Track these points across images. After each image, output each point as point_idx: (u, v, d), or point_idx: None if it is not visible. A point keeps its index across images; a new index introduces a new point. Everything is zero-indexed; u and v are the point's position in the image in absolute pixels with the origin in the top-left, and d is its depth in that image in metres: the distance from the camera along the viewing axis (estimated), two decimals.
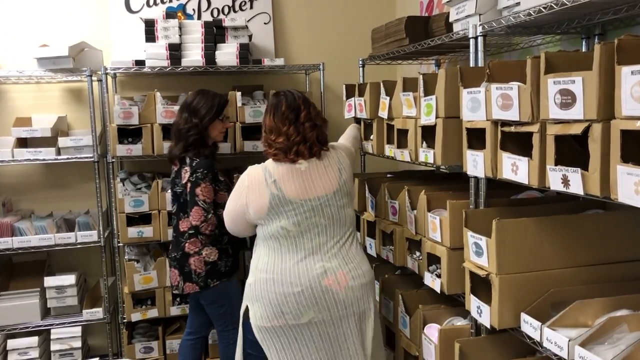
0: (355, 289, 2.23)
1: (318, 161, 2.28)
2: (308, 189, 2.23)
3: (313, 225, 2.23)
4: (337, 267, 2.22)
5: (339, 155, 2.36)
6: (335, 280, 2.20)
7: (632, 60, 1.28)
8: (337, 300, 2.20)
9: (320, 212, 2.23)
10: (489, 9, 2.14)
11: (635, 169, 1.26)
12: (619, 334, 1.53)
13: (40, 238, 3.35)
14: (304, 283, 2.17)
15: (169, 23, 3.42)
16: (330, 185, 2.26)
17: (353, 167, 2.46)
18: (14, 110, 3.61)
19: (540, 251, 1.82)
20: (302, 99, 2.33)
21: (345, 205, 2.29)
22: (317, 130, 2.30)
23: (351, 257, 2.26)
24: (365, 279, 2.27)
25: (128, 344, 3.50)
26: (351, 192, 2.35)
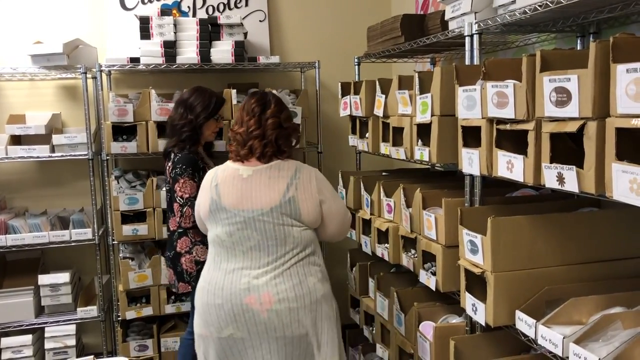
0: (280, 312, 2.06)
1: (264, 170, 2.14)
2: (244, 199, 2.12)
3: (245, 239, 2.11)
4: (263, 286, 2.07)
5: (302, 174, 2.16)
6: (258, 299, 2.05)
7: (627, 58, 1.28)
8: (257, 321, 2.06)
9: (252, 225, 2.10)
10: (484, 7, 2.14)
11: (631, 167, 1.26)
12: (613, 332, 1.53)
13: (34, 236, 3.34)
14: (225, 296, 2.08)
15: (163, 20, 3.41)
16: (269, 200, 2.11)
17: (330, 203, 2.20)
18: (8, 108, 3.59)
19: (535, 249, 1.83)
20: (276, 99, 2.27)
21: (287, 225, 2.11)
22: (280, 132, 2.19)
23: (286, 279, 2.09)
24: (297, 303, 2.08)
25: (123, 342, 3.49)
26: (304, 217, 2.13)
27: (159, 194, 3.35)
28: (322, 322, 2.16)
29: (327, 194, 2.20)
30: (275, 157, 2.18)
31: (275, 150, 2.18)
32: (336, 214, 2.23)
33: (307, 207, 2.14)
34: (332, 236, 2.29)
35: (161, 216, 3.37)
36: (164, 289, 3.46)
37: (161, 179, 3.47)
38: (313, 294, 2.13)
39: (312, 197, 2.15)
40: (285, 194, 2.11)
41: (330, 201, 2.20)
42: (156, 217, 3.37)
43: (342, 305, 3.54)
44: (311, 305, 2.12)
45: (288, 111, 2.29)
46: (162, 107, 3.30)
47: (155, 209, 3.37)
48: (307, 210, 2.14)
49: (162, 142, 3.31)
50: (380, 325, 2.81)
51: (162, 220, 3.37)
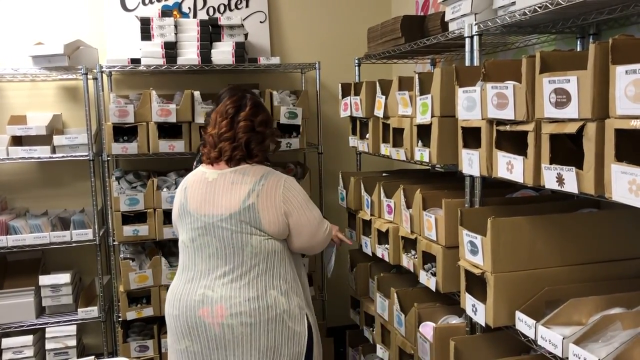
0: (234, 327, 1.97)
1: (229, 173, 2.07)
2: (206, 203, 2.05)
3: (205, 245, 2.04)
4: (219, 298, 1.99)
5: (267, 181, 2.06)
6: (211, 312, 1.97)
7: (626, 59, 1.29)
8: (209, 335, 1.99)
9: (212, 232, 2.03)
10: (484, 9, 2.15)
11: (630, 168, 1.26)
12: (613, 332, 1.54)
13: (35, 236, 3.34)
14: (181, 307, 2.03)
15: (164, 21, 3.41)
16: (229, 206, 2.03)
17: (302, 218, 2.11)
18: (9, 108, 3.60)
19: (535, 250, 1.83)
20: (253, 102, 2.17)
21: (245, 232, 2.02)
22: (252, 136, 2.10)
23: (242, 291, 1.99)
24: (252, 319, 1.98)
25: (123, 343, 3.49)
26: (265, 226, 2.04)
27: (159, 195, 3.36)
28: (282, 343, 2.03)
29: (294, 204, 2.09)
30: (243, 161, 2.10)
31: (245, 154, 2.10)
32: (305, 225, 2.12)
33: (268, 216, 2.04)
34: (301, 249, 2.20)
35: (162, 217, 3.37)
36: (164, 289, 3.46)
37: (162, 179, 3.48)
38: (272, 308, 2.02)
39: (274, 206, 2.05)
40: (245, 201, 2.02)
41: (298, 212, 2.09)
42: (157, 217, 3.37)
43: (342, 306, 3.56)
44: (269, 321, 2.01)
45: (266, 115, 2.20)
46: (163, 108, 3.30)
47: (156, 209, 3.37)
48: (268, 219, 2.04)
49: (163, 143, 3.32)
50: (380, 325, 2.82)
51: (162, 221, 3.37)
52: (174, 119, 3.31)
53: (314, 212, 2.18)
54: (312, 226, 2.15)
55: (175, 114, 3.30)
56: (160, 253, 3.51)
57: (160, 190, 3.37)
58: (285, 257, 2.12)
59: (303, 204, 2.13)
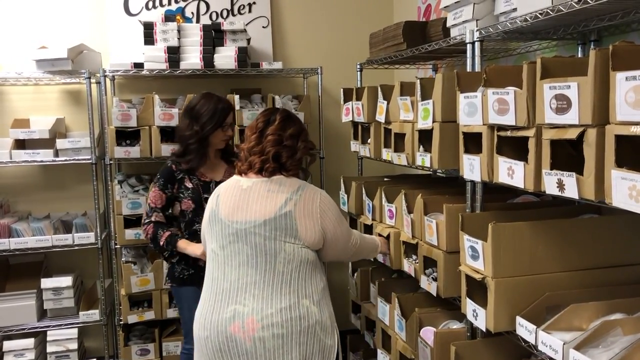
0: (265, 340, 1.89)
1: (265, 182, 2.06)
2: (239, 210, 2.02)
3: (236, 253, 1.99)
4: (250, 311, 1.90)
5: (304, 192, 2.05)
6: (242, 326, 1.89)
7: (626, 66, 1.29)
8: (241, 351, 1.90)
9: (244, 238, 1.98)
10: (486, 15, 2.16)
11: (630, 174, 1.27)
12: (613, 338, 1.54)
13: (37, 239, 3.35)
14: (212, 328, 1.94)
15: (167, 26, 3.43)
16: (264, 212, 1.99)
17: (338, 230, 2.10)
18: (12, 112, 3.62)
19: (536, 255, 1.83)
20: (284, 116, 2.16)
21: (279, 239, 1.97)
22: (282, 150, 2.09)
23: (274, 301, 1.92)
24: (284, 329, 1.90)
25: (124, 346, 3.49)
26: (302, 234, 1.99)
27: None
28: (313, 356, 1.96)
29: (330, 216, 2.08)
30: (278, 172, 2.09)
31: (277, 167, 2.09)
32: (340, 238, 2.13)
33: (305, 225, 2.01)
34: (332, 259, 2.22)
35: None
36: (165, 293, 3.47)
37: None
38: (305, 319, 1.94)
39: (312, 215, 2.03)
40: (282, 208, 2.00)
41: (334, 225, 2.09)
42: None
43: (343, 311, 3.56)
44: (302, 332, 1.93)
45: (297, 128, 2.17)
46: (166, 112, 3.32)
47: None
48: (305, 227, 2.01)
49: (165, 147, 3.33)
50: (381, 330, 2.82)
51: None
52: (177, 123, 3.32)
53: (346, 227, 2.20)
54: (344, 240, 2.17)
55: (178, 118, 3.31)
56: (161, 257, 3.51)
57: None
58: (317, 266, 2.08)
59: (338, 218, 2.13)
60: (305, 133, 2.22)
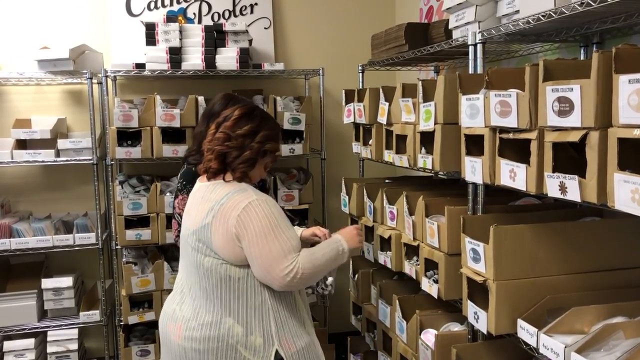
0: (187, 350, 1.88)
1: (204, 187, 1.96)
2: (187, 215, 2.00)
3: (182, 257, 2.01)
4: (181, 317, 1.93)
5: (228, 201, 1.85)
6: (174, 329, 1.93)
7: (629, 69, 1.29)
8: (173, 351, 1.94)
9: (184, 246, 1.98)
10: (488, 17, 2.16)
11: (632, 177, 1.27)
12: (615, 341, 1.54)
13: (38, 240, 3.35)
14: (162, 319, 2.04)
15: (169, 27, 3.43)
16: (194, 222, 1.92)
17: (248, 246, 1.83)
18: (14, 112, 3.62)
19: (537, 258, 1.83)
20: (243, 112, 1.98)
21: (200, 252, 1.88)
22: (228, 149, 1.92)
23: (201, 315, 1.89)
24: (201, 345, 1.85)
25: (125, 347, 3.49)
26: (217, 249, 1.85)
27: (162, 199, 3.36)
28: None
29: (251, 230, 1.81)
30: (219, 175, 1.95)
31: (222, 168, 1.94)
32: (256, 257, 1.82)
33: (219, 239, 1.84)
34: (261, 279, 1.87)
35: (164, 221, 3.38)
36: (166, 294, 3.46)
37: (165, 184, 3.49)
38: (225, 338, 1.85)
39: (226, 229, 1.83)
40: (205, 219, 1.88)
41: (250, 240, 1.81)
42: (160, 222, 3.38)
43: (344, 312, 3.56)
44: (220, 351, 1.85)
45: (255, 127, 1.96)
46: (167, 112, 3.32)
47: (159, 214, 3.38)
48: (218, 242, 1.84)
49: (166, 148, 3.33)
50: (382, 332, 2.81)
51: (165, 225, 3.38)
52: (178, 124, 3.33)
53: (272, 244, 1.82)
54: (265, 259, 1.82)
55: (179, 118, 3.32)
56: (162, 257, 3.51)
57: (163, 194, 3.38)
58: (249, 284, 1.87)
59: (260, 232, 1.81)
60: (265, 134, 1.97)
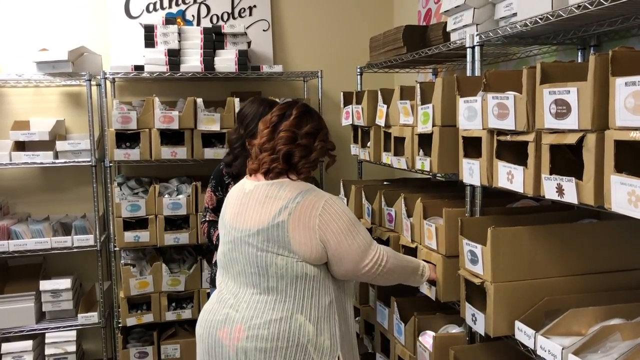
0: (248, 351, 1.76)
1: (265, 186, 1.88)
2: (239, 216, 1.89)
3: (234, 261, 1.88)
4: (240, 318, 1.80)
5: (304, 200, 1.82)
6: (229, 333, 1.79)
7: (626, 71, 1.30)
8: (225, 358, 1.81)
9: (239, 247, 1.86)
10: (486, 19, 2.16)
11: (629, 179, 1.27)
12: (612, 343, 1.54)
13: (36, 241, 3.35)
14: (206, 327, 1.89)
15: (168, 29, 3.44)
16: (258, 221, 1.82)
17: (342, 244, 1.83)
18: (13, 114, 3.62)
19: (535, 259, 1.83)
20: (301, 111, 1.95)
21: (271, 252, 1.80)
22: (294, 149, 1.89)
23: (267, 312, 1.79)
24: (268, 343, 1.75)
25: (123, 349, 3.49)
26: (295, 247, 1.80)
27: (161, 201, 3.37)
28: None
29: (334, 228, 1.82)
30: (284, 175, 1.90)
31: (286, 168, 1.89)
32: (347, 255, 1.84)
33: (299, 237, 1.79)
34: (348, 274, 1.89)
35: (163, 223, 3.38)
36: (164, 295, 3.47)
37: (163, 186, 3.49)
38: (296, 336, 1.77)
39: (308, 228, 1.80)
40: (276, 217, 1.80)
41: (337, 237, 1.82)
42: (158, 224, 3.38)
43: None
44: (290, 350, 1.76)
45: (315, 126, 1.95)
46: (166, 114, 3.32)
47: (157, 216, 3.38)
48: (299, 240, 1.80)
49: (165, 150, 3.34)
50: (380, 334, 2.81)
51: (163, 227, 3.38)
52: (177, 126, 3.33)
53: (357, 238, 1.87)
54: (356, 256, 1.85)
55: (178, 120, 3.32)
56: (160, 259, 3.51)
57: (161, 196, 3.39)
58: (322, 283, 1.85)
59: (344, 229, 1.84)
60: (325, 132, 2.01)
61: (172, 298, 3.53)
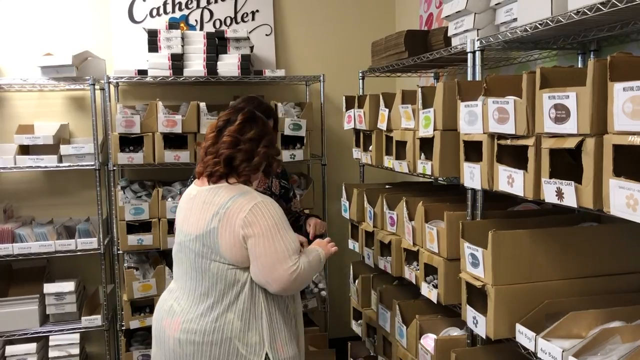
0: (183, 343, 1.89)
1: (205, 191, 1.95)
2: (184, 221, 1.99)
3: (180, 262, 2.01)
4: (180, 311, 1.94)
5: (233, 204, 1.87)
6: (171, 323, 1.94)
7: (624, 76, 1.31)
8: (167, 346, 1.95)
9: (184, 250, 1.98)
10: (486, 24, 2.18)
11: (627, 183, 1.28)
12: (612, 345, 1.55)
13: (40, 245, 3.36)
14: (155, 316, 2.06)
15: (171, 33, 3.46)
16: (197, 227, 1.91)
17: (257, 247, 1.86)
18: (17, 118, 3.64)
19: (536, 263, 1.85)
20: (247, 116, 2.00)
21: (206, 258, 1.89)
22: (236, 153, 1.94)
23: (201, 307, 1.90)
24: (198, 337, 1.87)
25: (126, 352, 3.50)
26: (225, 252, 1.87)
27: (164, 205, 3.38)
28: None
29: (256, 229, 1.85)
30: (224, 179, 1.96)
31: (227, 172, 1.95)
32: (261, 255, 1.85)
33: (227, 242, 1.86)
34: (259, 281, 1.90)
35: (166, 226, 3.39)
36: None
37: (167, 189, 3.51)
38: (222, 331, 1.87)
39: (233, 230, 1.85)
40: (210, 223, 1.88)
41: (257, 238, 1.85)
42: (161, 227, 3.40)
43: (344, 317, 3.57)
44: (216, 345, 1.87)
45: (259, 131, 2.00)
46: (169, 118, 3.34)
47: (161, 219, 3.40)
48: (227, 245, 1.86)
49: (168, 154, 3.36)
50: (382, 337, 2.83)
51: (167, 230, 3.39)
52: (180, 130, 3.35)
53: (277, 243, 1.87)
54: (270, 257, 1.86)
55: (181, 124, 3.34)
56: (164, 262, 3.52)
57: (165, 200, 3.40)
58: (255, 291, 1.92)
59: (266, 231, 1.85)
60: (270, 137, 2.05)
61: None
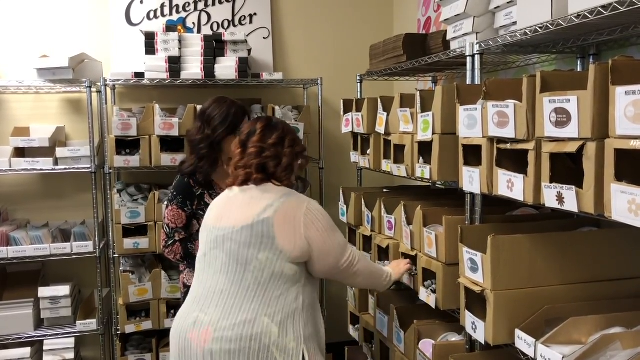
0: (214, 353, 1.82)
1: (251, 189, 2.00)
2: (223, 216, 1.98)
3: (213, 260, 1.95)
4: (209, 320, 1.86)
5: (289, 199, 1.95)
6: (198, 335, 1.86)
7: (625, 80, 1.30)
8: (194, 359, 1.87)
9: (222, 245, 1.93)
10: (486, 28, 2.17)
11: (629, 188, 1.27)
12: (612, 352, 1.54)
13: (35, 248, 3.34)
14: (177, 328, 1.96)
15: (169, 36, 3.45)
16: (243, 218, 1.92)
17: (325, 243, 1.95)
18: (13, 120, 3.62)
19: (535, 268, 1.83)
20: (265, 124, 2.07)
21: (254, 247, 1.88)
22: (264, 160, 2.00)
23: (233, 314, 1.85)
24: (233, 345, 1.82)
25: (121, 356, 3.48)
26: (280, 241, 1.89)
27: (160, 208, 3.36)
28: None
29: (319, 226, 1.96)
30: (267, 181, 2.02)
31: (266, 177, 2.01)
32: (330, 252, 1.98)
33: (285, 233, 1.90)
34: (326, 277, 2.07)
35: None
36: (163, 303, 3.46)
37: (163, 193, 3.49)
38: (258, 339, 1.83)
39: (293, 223, 1.92)
40: (261, 214, 1.91)
41: (322, 235, 1.95)
42: (157, 231, 3.38)
43: (341, 322, 3.55)
44: (254, 353, 1.82)
45: (280, 134, 2.06)
46: (166, 121, 3.32)
47: (157, 222, 3.38)
48: (284, 235, 1.90)
49: (165, 157, 3.34)
50: (379, 342, 2.81)
51: None
52: (177, 133, 3.33)
53: (338, 237, 2.03)
54: (337, 255, 2.01)
55: (178, 127, 3.33)
56: (160, 266, 3.51)
57: (161, 203, 3.38)
58: (296, 283, 1.94)
59: (327, 228, 1.98)
60: (291, 138, 2.09)
61: (171, 305, 3.51)
